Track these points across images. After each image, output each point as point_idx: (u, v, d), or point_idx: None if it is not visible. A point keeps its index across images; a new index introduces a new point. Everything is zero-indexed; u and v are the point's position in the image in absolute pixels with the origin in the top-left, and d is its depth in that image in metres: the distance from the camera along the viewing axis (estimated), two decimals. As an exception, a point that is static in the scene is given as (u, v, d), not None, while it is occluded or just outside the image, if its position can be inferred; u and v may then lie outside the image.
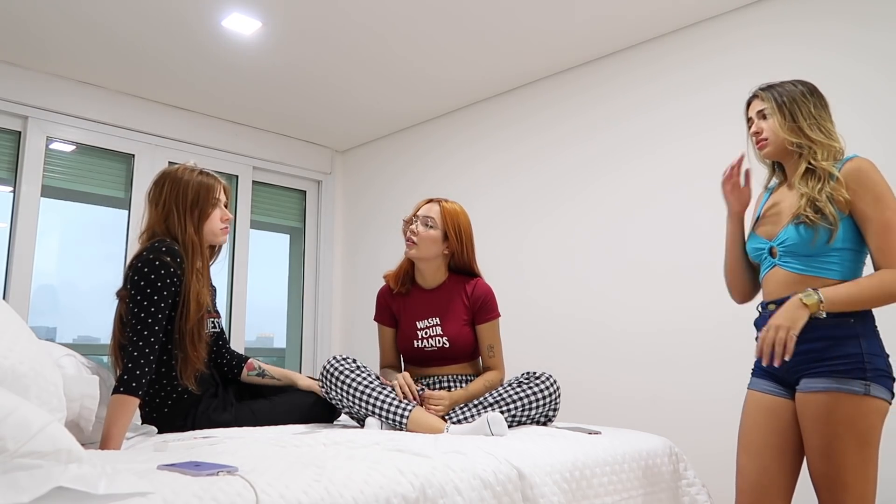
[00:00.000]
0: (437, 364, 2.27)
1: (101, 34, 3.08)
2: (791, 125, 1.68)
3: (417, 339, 2.26)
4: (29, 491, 0.90)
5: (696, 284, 2.80)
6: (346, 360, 2.07)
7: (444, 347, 2.24)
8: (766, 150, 1.74)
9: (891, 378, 1.55)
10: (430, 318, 2.27)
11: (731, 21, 2.87)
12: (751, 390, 1.75)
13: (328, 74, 3.51)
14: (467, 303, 2.28)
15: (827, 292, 1.53)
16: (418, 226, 2.23)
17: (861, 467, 1.50)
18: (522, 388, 2.08)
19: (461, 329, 2.25)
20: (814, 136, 1.66)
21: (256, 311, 4.20)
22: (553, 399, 2.10)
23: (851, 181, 1.58)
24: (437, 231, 2.24)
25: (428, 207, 2.28)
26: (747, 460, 1.70)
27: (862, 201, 1.57)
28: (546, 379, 2.11)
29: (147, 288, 1.82)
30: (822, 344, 1.57)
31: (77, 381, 1.71)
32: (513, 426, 2.05)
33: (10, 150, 3.42)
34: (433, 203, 2.29)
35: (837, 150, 1.65)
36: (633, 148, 3.13)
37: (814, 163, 1.63)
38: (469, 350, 2.28)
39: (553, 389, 2.10)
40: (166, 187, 2.01)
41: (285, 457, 1.39)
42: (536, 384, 2.09)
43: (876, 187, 1.57)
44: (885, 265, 1.55)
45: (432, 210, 2.26)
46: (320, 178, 4.67)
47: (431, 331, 2.25)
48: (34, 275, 3.37)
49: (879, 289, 1.53)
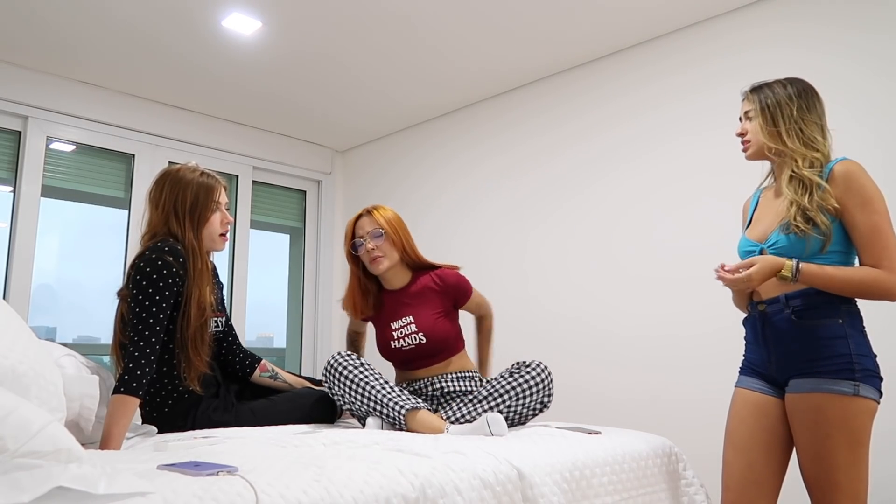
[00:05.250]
0: (420, 364, 2.27)
1: (101, 34, 3.08)
2: (771, 129, 1.69)
3: (394, 339, 2.27)
4: (29, 491, 0.90)
5: (696, 285, 2.80)
6: (349, 357, 2.08)
7: (420, 344, 2.24)
8: (749, 151, 1.76)
9: (879, 378, 1.57)
10: (403, 317, 2.28)
11: (730, 22, 2.87)
12: (738, 388, 1.77)
13: (328, 74, 3.51)
14: (440, 293, 2.30)
15: (807, 268, 1.55)
16: (370, 242, 2.25)
17: (852, 467, 1.51)
18: (514, 378, 2.08)
19: (435, 322, 2.25)
20: (790, 144, 1.66)
21: (256, 310, 4.20)
22: (546, 385, 2.09)
23: (839, 185, 1.58)
24: (387, 237, 2.26)
25: (366, 222, 2.29)
26: (734, 456, 1.70)
27: (849, 205, 1.57)
28: (537, 366, 2.11)
29: (149, 287, 1.82)
30: (810, 345, 1.58)
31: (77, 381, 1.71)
32: (511, 418, 2.06)
33: (10, 150, 3.42)
34: (365, 216, 2.30)
35: (816, 158, 1.63)
36: (634, 149, 3.13)
37: (796, 171, 1.63)
38: (448, 342, 2.27)
39: (545, 375, 2.10)
40: (166, 188, 2.00)
41: (285, 457, 1.39)
42: (528, 372, 2.09)
43: (863, 191, 1.57)
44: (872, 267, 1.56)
45: (371, 223, 2.27)
46: (320, 178, 4.68)
47: (406, 329, 2.26)
48: (34, 274, 3.37)
49: (859, 281, 1.54)
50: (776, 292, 1.65)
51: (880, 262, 1.54)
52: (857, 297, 1.58)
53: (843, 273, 1.55)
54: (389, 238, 2.26)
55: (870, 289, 1.54)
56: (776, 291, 1.65)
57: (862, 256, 1.58)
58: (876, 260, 1.54)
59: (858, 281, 1.54)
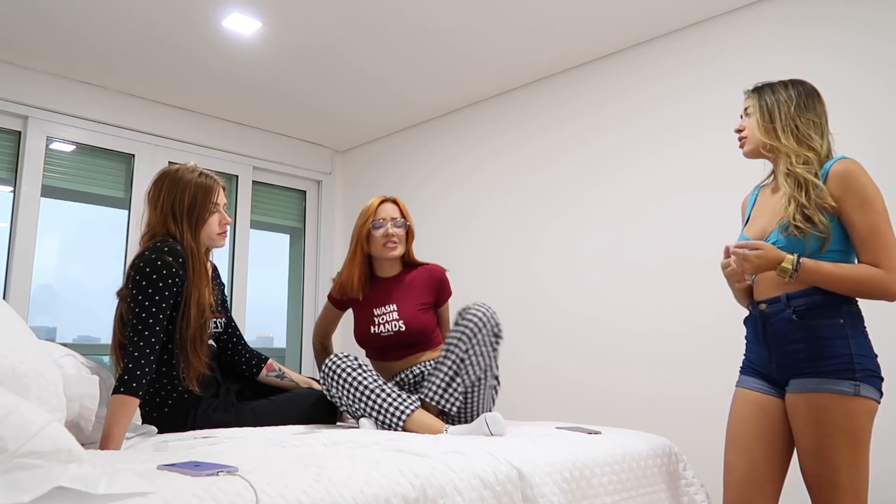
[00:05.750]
0: (396, 354, 2.32)
1: (101, 34, 3.08)
2: (767, 126, 1.70)
3: (374, 324, 2.33)
4: (29, 491, 0.90)
5: (697, 284, 2.80)
6: (347, 358, 2.08)
7: (399, 331, 2.29)
8: (745, 148, 1.77)
9: (879, 378, 1.57)
10: (386, 304, 2.35)
11: (731, 22, 2.87)
12: (739, 388, 1.77)
13: (328, 73, 3.51)
14: (427, 287, 2.38)
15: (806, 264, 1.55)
16: (392, 227, 2.34)
17: (853, 467, 1.51)
18: (458, 326, 2.07)
19: (417, 313, 2.32)
20: (784, 141, 1.67)
21: (256, 310, 4.20)
22: (489, 317, 2.08)
23: (837, 184, 1.58)
24: (406, 228, 2.40)
25: (391, 208, 2.39)
26: (735, 456, 1.71)
27: (848, 205, 1.57)
28: (474, 306, 2.10)
29: (149, 288, 1.82)
30: (811, 345, 1.58)
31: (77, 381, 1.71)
32: (474, 361, 2.04)
33: (10, 150, 3.42)
34: (390, 203, 2.40)
35: (810, 157, 1.63)
36: (636, 149, 3.13)
37: (790, 168, 1.64)
38: (426, 334, 2.33)
39: (485, 310, 2.08)
40: (164, 189, 2.00)
41: (285, 457, 1.39)
42: (470, 314, 2.07)
43: (862, 190, 1.57)
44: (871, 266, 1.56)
45: (395, 210, 2.39)
46: (320, 178, 4.67)
47: (388, 316, 2.32)
48: (34, 274, 3.37)
49: (857, 278, 1.54)
50: (777, 292, 1.65)
51: (879, 262, 1.54)
52: (855, 295, 1.58)
53: (841, 270, 1.55)
54: (407, 230, 2.40)
55: (868, 287, 1.54)
56: (777, 291, 1.65)
57: (861, 256, 1.58)
58: (875, 259, 1.54)
59: (857, 278, 1.55)
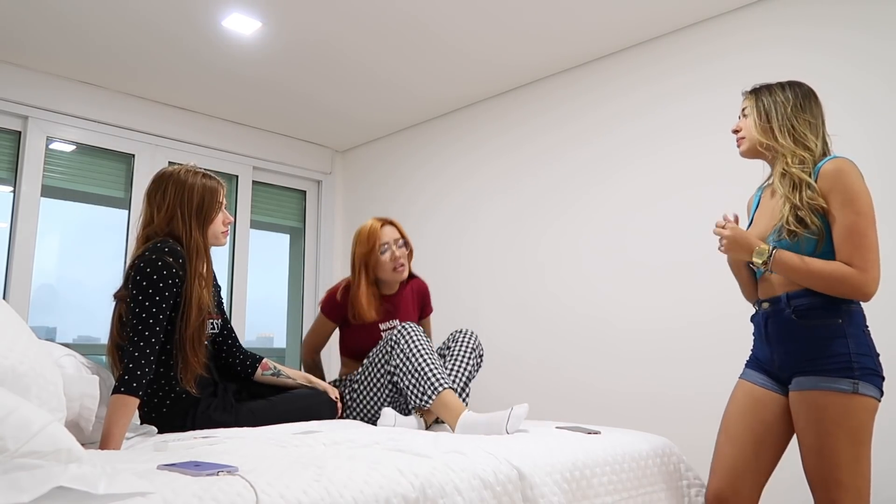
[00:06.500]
0: None
1: (101, 34, 3.08)
2: (764, 125, 1.72)
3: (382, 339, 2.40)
4: (29, 491, 0.90)
5: (698, 283, 2.80)
6: (420, 329, 2.25)
7: None
8: (742, 147, 1.79)
9: (880, 376, 1.57)
10: (391, 320, 2.53)
11: (731, 22, 2.87)
12: (742, 379, 1.79)
13: (328, 73, 3.51)
14: (416, 301, 2.64)
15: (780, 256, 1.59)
16: (397, 250, 2.48)
17: (854, 464, 1.52)
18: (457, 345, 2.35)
19: None
20: (780, 140, 1.68)
21: (256, 310, 4.20)
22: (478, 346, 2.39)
23: (826, 182, 1.59)
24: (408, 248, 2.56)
25: (392, 231, 2.52)
26: (726, 444, 1.73)
27: (832, 202, 1.58)
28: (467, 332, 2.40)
29: (149, 288, 1.82)
30: (810, 344, 1.60)
31: (77, 381, 1.71)
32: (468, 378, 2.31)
33: (10, 150, 3.42)
34: (389, 226, 2.53)
35: (806, 157, 1.64)
36: (636, 149, 3.13)
37: (786, 168, 1.65)
38: None
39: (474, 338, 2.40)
40: (170, 190, 2.00)
41: (285, 457, 1.39)
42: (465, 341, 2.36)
43: (848, 189, 1.57)
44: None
45: (395, 232, 2.52)
46: (320, 178, 4.68)
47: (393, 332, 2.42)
48: (34, 274, 3.37)
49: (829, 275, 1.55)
50: (778, 291, 1.67)
51: (852, 261, 1.54)
52: (827, 291, 1.58)
53: (812, 265, 1.56)
54: (409, 249, 2.55)
55: (839, 284, 1.55)
56: (778, 290, 1.66)
57: (837, 253, 1.58)
58: (848, 258, 1.55)
59: (828, 274, 1.55)
